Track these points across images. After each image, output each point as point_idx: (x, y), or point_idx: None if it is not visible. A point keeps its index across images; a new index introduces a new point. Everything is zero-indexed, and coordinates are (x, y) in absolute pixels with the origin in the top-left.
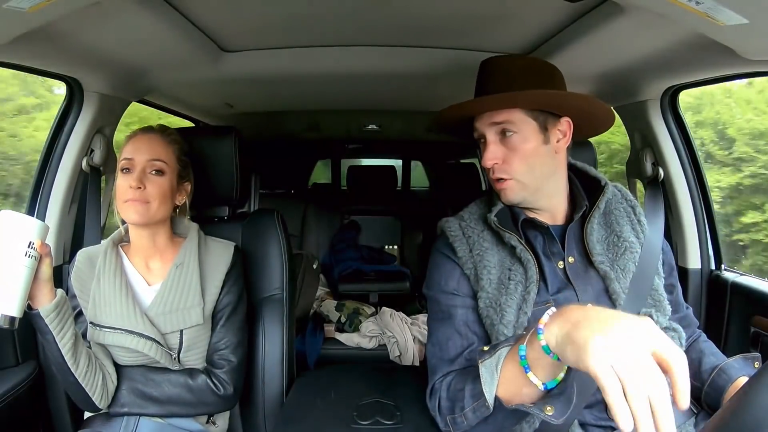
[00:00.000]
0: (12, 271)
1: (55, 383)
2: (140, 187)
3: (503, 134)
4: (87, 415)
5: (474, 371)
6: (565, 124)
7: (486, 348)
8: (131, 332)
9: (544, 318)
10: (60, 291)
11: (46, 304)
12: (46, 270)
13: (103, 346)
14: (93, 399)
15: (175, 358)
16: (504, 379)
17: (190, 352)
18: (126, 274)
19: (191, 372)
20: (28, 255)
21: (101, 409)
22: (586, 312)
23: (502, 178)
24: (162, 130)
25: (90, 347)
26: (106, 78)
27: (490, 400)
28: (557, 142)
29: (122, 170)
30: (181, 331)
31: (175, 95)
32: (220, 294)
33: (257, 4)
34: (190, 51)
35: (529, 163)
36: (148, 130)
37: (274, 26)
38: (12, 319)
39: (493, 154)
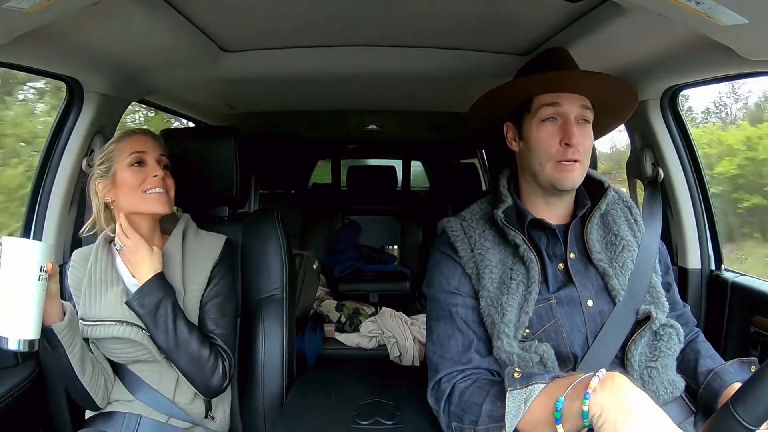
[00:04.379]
0: (28, 297)
1: (55, 383)
2: (164, 176)
3: (578, 120)
4: (88, 415)
5: (495, 389)
6: None
7: (517, 374)
8: (118, 321)
9: (594, 382)
10: (68, 305)
11: (57, 320)
12: (54, 287)
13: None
14: (96, 400)
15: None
16: (529, 417)
17: None
18: (116, 267)
19: (211, 346)
20: (40, 279)
21: (101, 408)
22: (639, 401)
23: (575, 160)
24: (151, 131)
25: (91, 350)
26: (106, 78)
27: (509, 431)
28: None
29: (133, 164)
30: None
31: (175, 95)
32: (206, 287)
33: (257, 4)
34: (190, 51)
35: (589, 152)
36: (140, 131)
37: (274, 26)
38: (32, 342)
39: (579, 132)
